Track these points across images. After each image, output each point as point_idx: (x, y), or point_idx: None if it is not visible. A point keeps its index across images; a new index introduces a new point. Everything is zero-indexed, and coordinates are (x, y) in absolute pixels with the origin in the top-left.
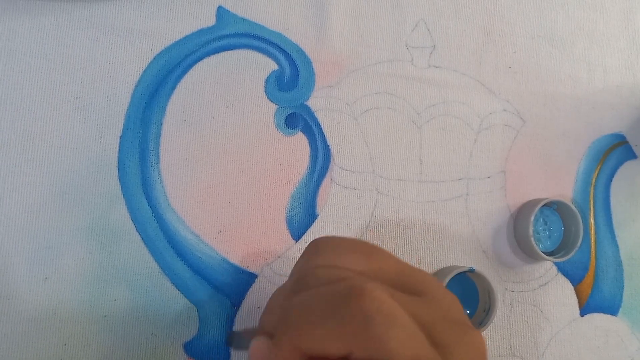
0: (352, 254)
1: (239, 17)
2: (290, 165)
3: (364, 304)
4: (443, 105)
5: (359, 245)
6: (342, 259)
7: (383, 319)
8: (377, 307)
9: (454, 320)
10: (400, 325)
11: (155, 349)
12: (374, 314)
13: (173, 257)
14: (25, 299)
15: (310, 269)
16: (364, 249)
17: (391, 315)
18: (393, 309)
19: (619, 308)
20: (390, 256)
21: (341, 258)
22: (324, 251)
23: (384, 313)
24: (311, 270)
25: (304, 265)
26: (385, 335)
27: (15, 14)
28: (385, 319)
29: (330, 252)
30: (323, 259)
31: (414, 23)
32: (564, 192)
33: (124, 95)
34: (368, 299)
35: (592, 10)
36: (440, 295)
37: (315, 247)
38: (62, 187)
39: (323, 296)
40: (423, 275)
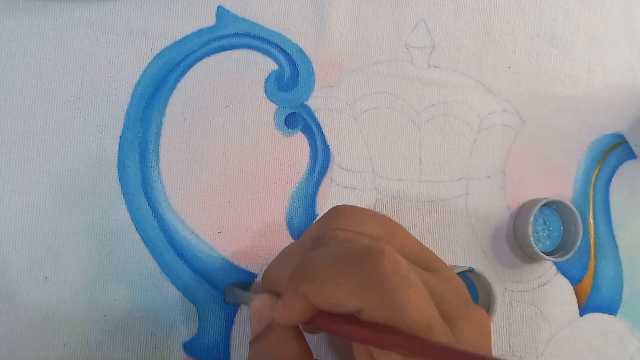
0: (373, 224)
1: (239, 17)
2: (290, 165)
3: (382, 263)
4: (443, 105)
5: (379, 217)
6: (362, 226)
7: (400, 280)
8: (395, 267)
9: (462, 298)
10: (416, 288)
11: (155, 349)
12: (391, 274)
13: (173, 256)
14: (24, 299)
15: (330, 229)
16: (385, 222)
17: (408, 278)
18: (410, 273)
19: (618, 308)
20: (409, 234)
21: (361, 225)
22: (345, 216)
23: (401, 274)
24: (330, 231)
25: (323, 226)
26: (400, 295)
27: (15, 14)
28: (401, 281)
29: (352, 218)
30: (344, 222)
31: (414, 23)
32: (563, 192)
33: (123, 95)
34: (387, 258)
35: (592, 10)
36: (451, 275)
37: (336, 212)
38: (61, 187)
39: (341, 252)
40: (438, 257)
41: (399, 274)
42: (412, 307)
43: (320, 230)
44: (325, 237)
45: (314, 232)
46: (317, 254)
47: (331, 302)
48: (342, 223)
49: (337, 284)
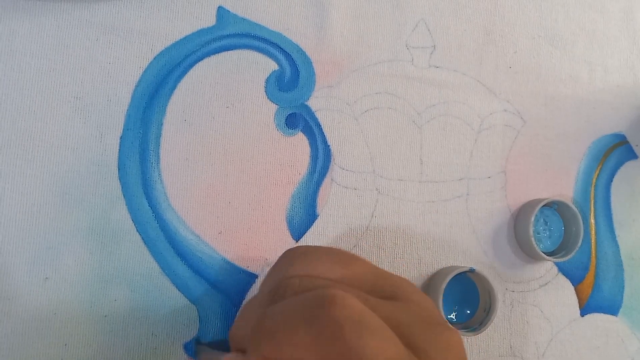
0: (326, 262)
1: (239, 17)
2: (291, 165)
3: (334, 313)
4: (443, 105)
5: (333, 252)
6: (317, 268)
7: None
8: (347, 314)
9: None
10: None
11: (155, 349)
12: (343, 322)
13: (173, 257)
14: (25, 299)
15: (285, 279)
16: (338, 256)
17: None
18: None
19: (619, 308)
20: (365, 262)
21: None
22: (297, 260)
23: (354, 320)
24: (285, 281)
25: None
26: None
27: (15, 14)
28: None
29: (305, 261)
30: (297, 268)
31: (414, 23)
32: (564, 192)
33: (124, 95)
34: (339, 307)
35: (593, 10)
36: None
37: (289, 257)
38: (62, 188)
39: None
40: (399, 280)
41: (352, 320)
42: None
43: (275, 281)
44: (280, 288)
45: (270, 284)
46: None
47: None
48: (295, 269)
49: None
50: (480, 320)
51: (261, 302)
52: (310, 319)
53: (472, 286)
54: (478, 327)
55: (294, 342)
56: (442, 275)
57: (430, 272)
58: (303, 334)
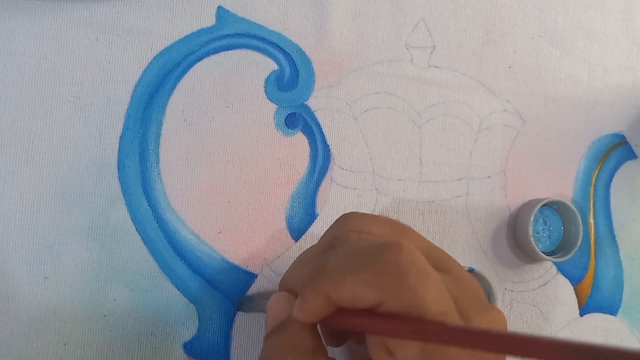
0: (383, 226)
1: (239, 17)
2: (290, 165)
3: (400, 257)
4: (443, 105)
5: (390, 220)
6: (373, 228)
7: (418, 272)
8: (413, 260)
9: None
10: (434, 282)
11: (154, 349)
12: (409, 267)
13: (173, 256)
14: (25, 299)
15: (344, 232)
16: (394, 224)
17: (426, 271)
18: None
19: (618, 308)
20: (420, 235)
21: (372, 227)
22: (355, 220)
23: (419, 267)
24: (344, 234)
25: (336, 230)
26: (419, 287)
27: (15, 14)
28: (420, 274)
29: (362, 221)
30: (355, 225)
31: (414, 23)
32: (563, 192)
33: (123, 95)
34: (406, 252)
35: (592, 10)
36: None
37: (347, 217)
38: (62, 187)
39: (358, 249)
40: (449, 257)
41: (417, 267)
42: (430, 298)
43: (334, 233)
44: (339, 239)
45: (328, 237)
46: (335, 252)
47: (351, 297)
48: (353, 226)
49: (356, 278)
50: None
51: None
52: (375, 260)
53: None
54: None
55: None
56: None
57: None
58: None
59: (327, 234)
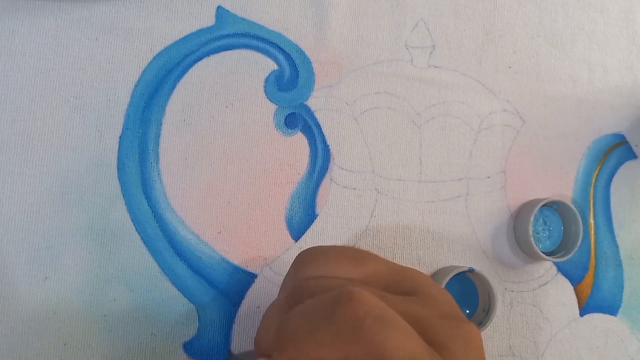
0: (340, 262)
1: (239, 17)
2: (290, 165)
3: (353, 310)
4: (443, 105)
5: (346, 251)
6: (331, 268)
7: (374, 321)
8: (366, 310)
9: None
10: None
11: (154, 349)
12: (363, 318)
13: (173, 257)
14: (25, 299)
15: (300, 281)
16: (352, 255)
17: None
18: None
19: (618, 308)
20: (379, 259)
21: (330, 267)
22: (312, 262)
23: (374, 315)
24: (301, 283)
25: (294, 279)
26: (378, 337)
27: (15, 14)
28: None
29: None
30: (312, 269)
31: (414, 23)
32: (563, 192)
33: (123, 95)
34: (357, 303)
35: (592, 10)
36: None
37: (303, 259)
38: (61, 187)
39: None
40: (414, 274)
41: (372, 315)
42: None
43: (292, 283)
44: (297, 291)
45: (287, 289)
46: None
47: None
48: (310, 270)
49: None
50: (479, 320)
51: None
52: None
53: (472, 286)
54: (478, 326)
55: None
56: (441, 275)
57: (430, 272)
58: (324, 333)
59: (285, 283)
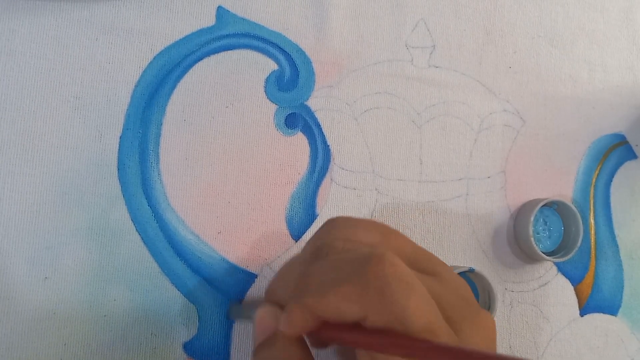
0: (368, 231)
1: (239, 17)
2: (290, 165)
3: (383, 270)
4: (443, 105)
5: (375, 224)
6: (358, 235)
7: (401, 285)
8: (396, 272)
9: (466, 301)
10: (417, 292)
11: (154, 349)
12: (392, 280)
13: (173, 257)
14: (25, 299)
15: (329, 240)
16: (379, 228)
17: (409, 282)
18: (411, 277)
19: (618, 308)
20: (406, 238)
21: (359, 234)
22: (340, 227)
23: (402, 280)
24: (329, 242)
25: (321, 238)
26: (402, 300)
27: (15, 14)
28: (403, 286)
29: (347, 227)
30: (340, 233)
31: (414, 23)
32: (564, 192)
33: (123, 95)
34: (388, 264)
35: (592, 10)
36: (453, 277)
37: (331, 224)
38: (61, 187)
39: (341, 261)
40: (437, 259)
41: (399, 279)
42: (414, 311)
43: (318, 242)
44: (324, 248)
45: (313, 245)
46: (318, 265)
47: (335, 312)
48: (338, 234)
49: (339, 293)
50: None
51: (304, 261)
52: (358, 273)
53: (472, 286)
54: None
55: (341, 293)
56: None
57: None
58: (351, 287)
59: (312, 241)
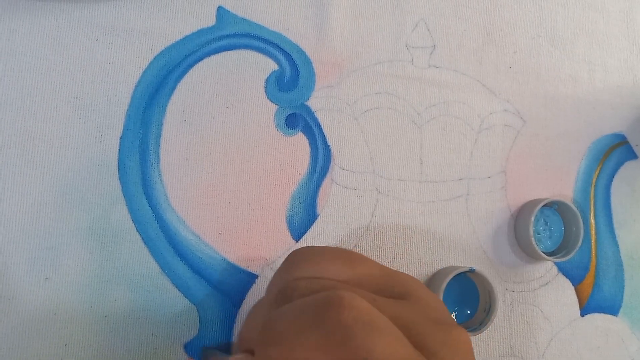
0: (332, 263)
1: (239, 17)
2: (291, 165)
3: (342, 314)
4: (443, 105)
5: (338, 253)
6: (323, 269)
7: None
8: (356, 316)
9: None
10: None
11: (155, 349)
12: (352, 324)
13: (173, 257)
14: (25, 300)
15: (291, 281)
16: (345, 256)
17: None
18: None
19: (619, 308)
20: (372, 262)
21: (322, 267)
22: (305, 261)
23: (363, 321)
24: (292, 283)
25: (284, 278)
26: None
27: (15, 14)
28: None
29: (312, 261)
30: (303, 269)
31: (414, 23)
32: (564, 192)
33: (124, 95)
34: (346, 308)
35: (593, 10)
36: (423, 296)
37: (295, 259)
38: (62, 188)
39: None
40: (406, 279)
41: (361, 321)
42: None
43: (282, 283)
44: (287, 291)
45: (277, 286)
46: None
47: None
48: (301, 271)
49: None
50: (480, 320)
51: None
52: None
53: (472, 286)
54: (478, 327)
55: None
56: (442, 275)
57: (430, 272)
58: (312, 337)
59: (275, 282)
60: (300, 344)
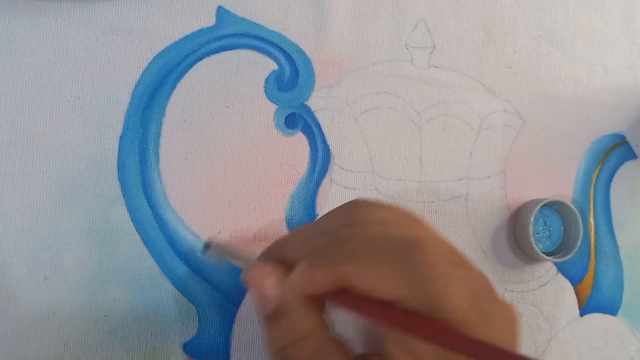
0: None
1: (239, 17)
2: (290, 165)
3: (428, 257)
4: (443, 105)
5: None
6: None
7: (444, 274)
8: (440, 261)
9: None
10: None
11: (154, 349)
12: (436, 268)
13: (173, 257)
14: (24, 299)
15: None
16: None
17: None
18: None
19: (618, 308)
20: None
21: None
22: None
23: (445, 269)
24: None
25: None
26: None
27: (15, 14)
28: (446, 275)
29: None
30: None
31: (414, 23)
32: (563, 192)
33: (123, 95)
34: (433, 252)
35: (592, 10)
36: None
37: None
38: (61, 187)
39: (385, 239)
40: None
41: (443, 268)
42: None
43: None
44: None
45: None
46: (355, 233)
47: (370, 286)
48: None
49: (382, 269)
50: None
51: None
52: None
53: None
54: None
55: (382, 269)
56: None
57: None
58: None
59: (338, 214)
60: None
